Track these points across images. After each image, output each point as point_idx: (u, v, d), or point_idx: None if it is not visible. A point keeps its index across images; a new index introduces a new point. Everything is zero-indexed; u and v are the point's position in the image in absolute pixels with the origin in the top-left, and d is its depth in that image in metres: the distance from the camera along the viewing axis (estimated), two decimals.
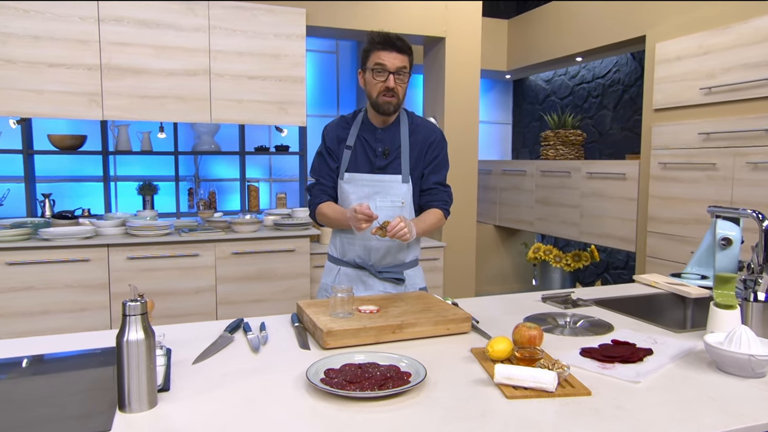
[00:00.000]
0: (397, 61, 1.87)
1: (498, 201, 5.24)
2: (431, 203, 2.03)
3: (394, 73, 1.87)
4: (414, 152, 2.00)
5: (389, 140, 2.00)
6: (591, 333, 1.66)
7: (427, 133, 2.03)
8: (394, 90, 1.88)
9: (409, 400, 1.18)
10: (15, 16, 3.05)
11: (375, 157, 1.99)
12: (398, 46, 1.87)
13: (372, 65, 1.88)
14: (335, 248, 2.10)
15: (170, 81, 3.33)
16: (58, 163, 4.36)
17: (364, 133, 2.01)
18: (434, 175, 2.04)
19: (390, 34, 1.90)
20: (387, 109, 1.92)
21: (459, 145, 4.09)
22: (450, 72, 4.01)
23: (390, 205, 1.97)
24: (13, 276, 3.04)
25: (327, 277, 2.11)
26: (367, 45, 1.91)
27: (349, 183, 1.99)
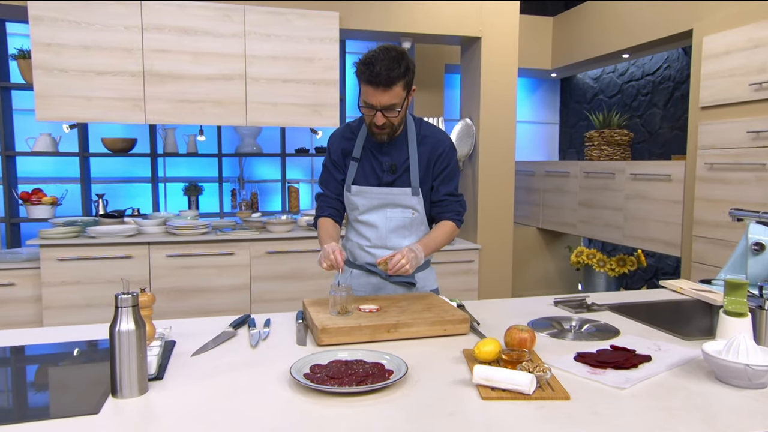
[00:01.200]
0: (384, 98, 1.74)
1: (541, 203, 5.14)
2: (442, 215, 1.98)
3: (381, 110, 1.77)
4: (422, 164, 1.93)
5: (396, 153, 1.92)
6: (595, 338, 1.62)
7: (435, 144, 1.94)
8: (383, 125, 1.81)
9: (384, 397, 1.20)
10: (68, 28, 3.26)
11: (382, 171, 1.93)
12: (383, 83, 1.71)
13: (362, 99, 1.79)
14: (347, 251, 2.08)
15: (208, 86, 3.47)
16: (112, 165, 4.63)
17: (371, 144, 1.94)
18: (444, 186, 1.96)
19: (377, 65, 1.70)
20: (381, 139, 1.86)
21: (495, 147, 4.05)
22: (486, 72, 3.97)
23: (401, 215, 1.94)
24: (63, 270, 3.26)
25: (339, 277, 2.12)
26: (358, 70, 1.76)
27: (357, 195, 1.95)
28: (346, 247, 2.09)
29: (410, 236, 1.97)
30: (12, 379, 1.38)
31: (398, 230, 1.96)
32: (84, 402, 1.16)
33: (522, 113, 5.71)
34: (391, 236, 1.96)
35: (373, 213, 1.96)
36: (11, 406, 1.20)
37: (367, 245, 1.98)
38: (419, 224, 1.98)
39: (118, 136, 4.26)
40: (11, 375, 1.40)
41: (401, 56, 1.74)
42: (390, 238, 1.96)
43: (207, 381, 1.29)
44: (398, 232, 1.96)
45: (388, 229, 1.95)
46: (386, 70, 1.70)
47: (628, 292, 2.24)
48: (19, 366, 1.47)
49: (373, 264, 2.00)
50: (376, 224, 1.96)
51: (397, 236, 1.96)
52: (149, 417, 1.12)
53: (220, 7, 3.45)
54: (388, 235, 1.96)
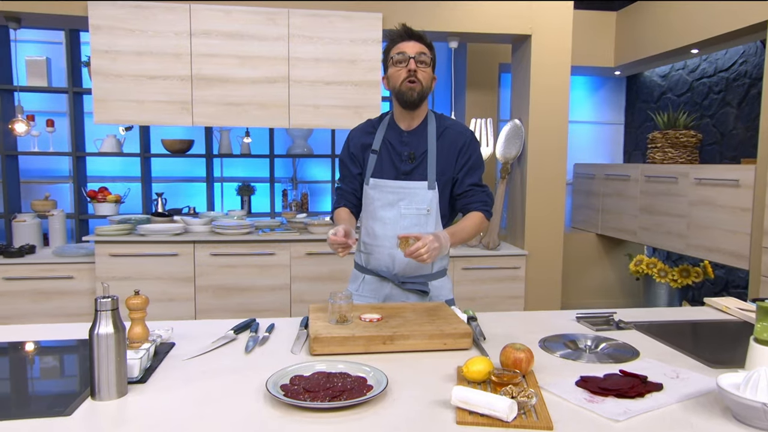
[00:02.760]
0: (416, 48, 1.85)
1: (600, 208, 4.88)
2: (470, 205, 1.94)
3: (414, 58, 1.84)
4: (442, 156, 1.92)
5: (415, 143, 1.93)
6: (609, 360, 1.49)
7: (456, 136, 1.94)
8: (416, 75, 1.84)
9: (354, 415, 1.15)
10: (124, 35, 3.43)
11: (400, 161, 1.92)
12: (417, 35, 1.88)
13: (393, 55, 1.88)
14: (359, 255, 2.06)
15: (252, 88, 3.54)
16: (173, 165, 4.83)
17: (390, 136, 1.96)
18: (469, 177, 1.94)
19: (405, 26, 1.90)
20: (411, 96, 1.85)
21: (545, 149, 3.87)
22: (536, 71, 3.81)
23: (415, 213, 1.91)
24: (115, 266, 3.42)
25: (352, 284, 2.08)
26: (388, 43, 1.92)
27: (374, 189, 1.95)
28: (359, 250, 2.06)
29: (424, 231, 1.91)
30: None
31: (412, 228, 1.90)
32: (59, 403, 1.18)
33: (583, 113, 5.45)
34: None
35: (387, 209, 1.92)
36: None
37: (378, 245, 1.94)
38: (434, 222, 1.93)
39: (176, 138, 4.44)
40: None
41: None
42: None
43: (188, 387, 1.30)
44: (412, 230, 1.89)
45: (401, 226, 1.90)
46: (413, 29, 1.89)
47: (666, 309, 2.07)
48: (9, 361, 1.54)
49: (387, 268, 1.96)
50: (389, 221, 1.92)
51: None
52: (118, 421, 1.13)
53: (265, 12, 3.51)
54: (401, 233, 1.88)
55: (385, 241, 1.93)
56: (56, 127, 4.34)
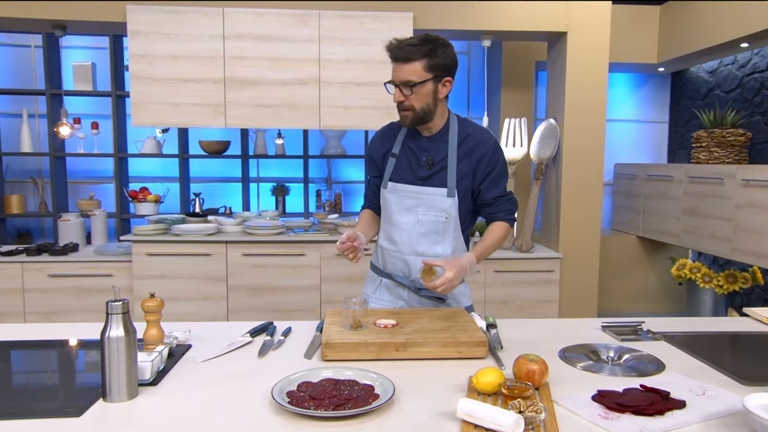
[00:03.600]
0: (401, 73, 1.74)
1: (642, 209, 4.71)
2: (495, 215, 1.90)
3: (399, 86, 1.76)
4: (462, 164, 1.85)
5: (435, 149, 1.87)
6: (632, 373, 1.43)
7: (478, 145, 1.86)
8: (402, 103, 1.78)
9: (357, 425, 1.14)
10: (160, 40, 3.51)
11: (419, 166, 1.87)
12: (401, 57, 1.73)
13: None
14: (377, 257, 2.03)
15: (284, 90, 3.57)
16: (211, 166, 4.93)
17: (410, 140, 1.91)
18: (494, 189, 1.88)
19: (396, 42, 1.75)
20: (404, 123, 1.84)
21: (581, 149, 3.76)
22: (572, 69, 3.70)
23: (433, 219, 1.86)
24: (151, 265, 3.52)
25: (368, 286, 2.04)
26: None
27: (392, 193, 1.90)
28: (377, 253, 2.03)
29: (442, 242, 1.87)
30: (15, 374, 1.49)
31: (429, 235, 1.86)
32: (72, 403, 1.21)
33: (624, 112, 5.28)
34: (422, 241, 1.87)
35: (405, 214, 1.88)
36: None
37: (395, 250, 1.91)
38: (452, 230, 1.87)
39: (213, 139, 4.53)
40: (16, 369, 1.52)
41: (431, 39, 1.76)
42: (420, 243, 1.87)
43: (197, 390, 1.31)
44: (429, 237, 1.87)
45: (418, 233, 1.86)
46: (408, 45, 1.73)
47: (701, 319, 1.97)
48: (31, 360, 1.58)
49: (403, 273, 1.93)
50: (406, 227, 1.88)
51: (427, 241, 1.87)
52: (124, 424, 1.14)
53: (296, 14, 3.53)
54: (418, 240, 1.86)
55: (402, 247, 1.89)
56: (101, 129, 4.50)
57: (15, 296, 3.56)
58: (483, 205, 1.91)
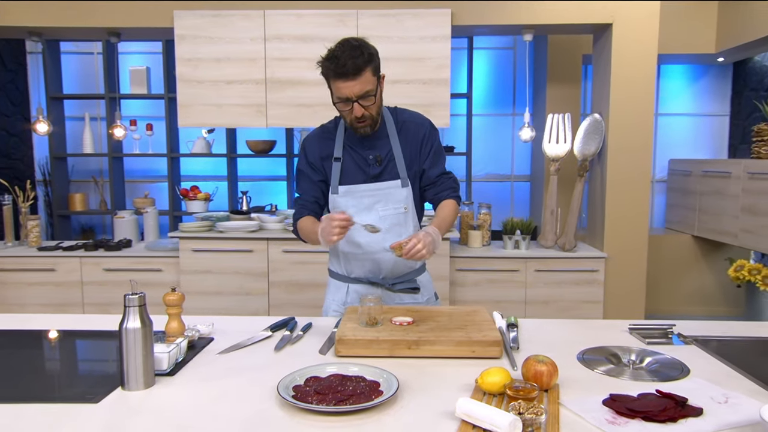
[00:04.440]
0: (356, 87, 1.69)
1: (698, 207, 4.48)
2: (440, 194, 1.92)
3: (357, 101, 1.71)
4: (406, 151, 1.87)
5: (379, 145, 1.87)
6: (653, 377, 1.37)
7: (416, 128, 1.90)
8: (363, 116, 1.75)
9: (357, 420, 1.15)
10: (205, 43, 3.63)
11: (367, 165, 1.86)
12: (351, 72, 1.67)
13: (335, 96, 1.75)
14: (339, 265, 1.98)
15: (322, 90, 3.57)
16: (258, 165, 5.07)
17: (351, 142, 1.88)
18: (435, 168, 1.91)
19: (340, 55, 1.66)
20: (365, 133, 1.81)
21: (627, 145, 3.62)
22: (618, 62, 3.56)
23: (393, 212, 1.87)
24: (197, 261, 3.65)
25: (335, 294, 2.00)
26: (323, 68, 1.73)
27: (345, 196, 1.87)
28: (337, 261, 1.99)
29: (405, 233, 1.87)
30: (31, 361, 1.58)
31: (393, 228, 1.86)
32: (94, 390, 1.28)
33: (680, 105, 5.05)
34: (387, 236, 1.84)
35: (364, 214, 1.85)
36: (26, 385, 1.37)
37: (361, 253, 1.88)
38: (412, 219, 1.90)
39: (259, 139, 4.65)
40: (50, 357, 1.61)
41: (361, 44, 1.72)
42: (386, 239, 1.83)
43: (210, 382, 1.35)
44: (393, 231, 1.86)
45: (383, 230, 1.83)
46: (351, 58, 1.67)
47: (743, 323, 1.86)
48: (57, 349, 1.68)
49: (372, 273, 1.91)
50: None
51: (392, 235, 1.85)
52: (135, 411, 1.20)
53: (335, 14, 3.57)
54: (384, 236, 1.83)
55: (368, 248, 1.87)
56: (155, 130, 4.70)
57: (75, 288, 3.78)
58: (427, 186, 1.92)
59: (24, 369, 1.46)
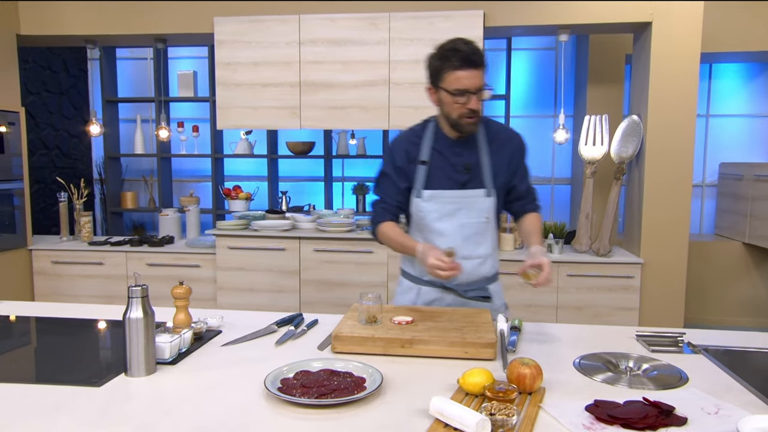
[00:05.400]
0: (477, 79, 1.69)
1: (749, 213, 4.27)
2: (526, 206, 1.95)
3: (476, 94, 1.70)
4: (495, 163, 1.85)
5: (468, 153, 1.84)
6: (649, 385, 1.34)
7: (507, 141, 1.89)
8: (478, 111, 1.74)
9: (335, 414, 1.18)
10: (243, 48, 3.76)
11: (455, 172, 1.84)
12: (476, 62, 1.68)
13: (451, 88, 1.70)
14: (412, 266, 1.95)
15: (354, 92, 3.67)
16: (299, 166, 5.18)
17: (440, 146, 1.85)
18: (523, 182, 1.94)
19: (464, 47, 1.68)
20: (471, 130, 1.79)
21: (667, 148, 3.48)
22: (657, 62, 3.44)
23: (475, 221, 1.84)
24: (232, 258, 3.78)
25: (405, 294, 1.96)
26: (439, 62, 1.72)
27: (429, 201, 1.84)
28: (411, 262, 1.95)
29: (484, 243, 1.87)
30: (53, 346, 1.69)
31: (472, 237, 1.85)
32: (97, 375, 1.37)
33: (733, 106, 4.82)
34: (466, 244, 1.84)
35: (446, 220, 1.85)
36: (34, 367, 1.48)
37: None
38: (492, 230, 1.89)
39: (299, 140, 4.76)
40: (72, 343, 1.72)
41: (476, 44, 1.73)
42: (464, 247, 1.83)
43: (208, 371, 1.42)
44: (472, 240, 1.85)
45: (462, 236, 1.84)
46: (476, 50, 1.69)
47: (758, 333, 1.78)
48: (85, 336, 1.78)
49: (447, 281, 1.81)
50: (448, 232, 1.85)
51: (471, 244, 1.85)
52: (131, 396, 1.28)
53: (368, 17, 3.62)
54: (462, 244, 1.83)
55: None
56: (200, 132, 4.89)
57: (121, 282, 3.98)
58: (515, 199, 1.94)
59: (46, 353, 1.57)
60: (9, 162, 3.89)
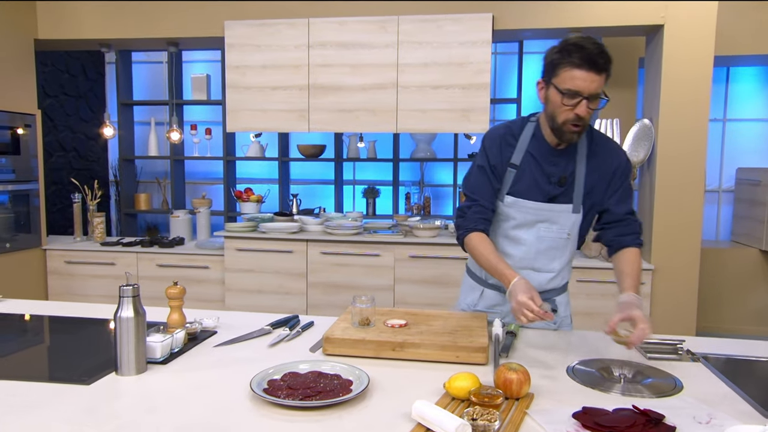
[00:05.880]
0: (595, 84, 1.51)
1: (767, 219, 4.17)
2: (624, 238, 1.70)
3: (588, 98, 1.53)
4: (591, 178, 1.68)
5: (565, 164, 1.68)
6: (642, 392, 1.32)
7: (610, 156, 1.70)
8: (585, 119, 1.57)
9: (318, 416, 1.18)
10: (252, 51, 3.79)
11: (548, 184, 1.68)
12: (600, 65, 1.51)
13: (563, 86, 1.54)
14: (479, 267, 1.83)
15: (362, 95, 3.68)
16: (311, 168, 5.20)
17: (536, 151, 1.69)
18: (623, 204, 1.71)
19: (590, 45, 1.51)
20: (571, 139, 1.62)
21: (679, 151, 3.43)
22: (669, 65, 3.38)
23: (555, 236, 1.72)
24: (240, 260, 3.80)
25: (468, 295, 1.90)
26: (557, 56, 1.55)
27: (511, 207, 1.72)
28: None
29: (559, 257, 1.76)
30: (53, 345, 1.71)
31: (548, 251, 1.74)
32: (87, 373, 1.38)
33: (751, 110, 4.72)
34: (540, 257, 1.75)
35: (524, 230, 1.73)
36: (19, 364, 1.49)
37: (510, 264, 1.66)
38: (571, 246, 1.77)
39: (309, 143, 4.78)
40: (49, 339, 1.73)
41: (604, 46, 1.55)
42: (538, 259, 1.75)
43: (198, 372, 1.42)
44: (548, 254, 1.74)
45: (537, 249, 1.73)
46: (601, 53, 1.51)
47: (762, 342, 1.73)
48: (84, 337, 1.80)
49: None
50: (524, 242, 1.74)
51: (545, 257, 1.75)
52: (118, 395, 1.28)
53: (377, 20, 3.62)
54: (536, 256, 1.74)
55: (517, 262, 1.74)
56: (213, 134, 4.94)
57: None
58: (610, 224, 1.72)
59: (43, 352, 1.59)
60: (25, 163, 3.97)
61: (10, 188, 3.86)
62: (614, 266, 1.72)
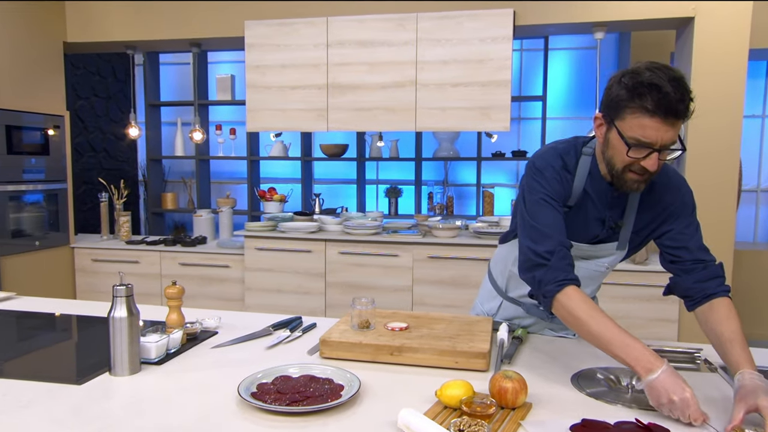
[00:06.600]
0: (670, 133, 1.24)
1: None
2: (707, 285, 1.41)
3: (660, 151, 1.26)
4: (644, 215, 1.49)
5: (621, 204, 1.48)
6: (648, 404, 1.23)
7: (667, 194, 1.46)
8: (653, 173, 1.31)
9: (303, 422, 1.14)
10: (271, 51, 3.79)
11: (600, 226, 1.50)
12: (678, 113, 1.22)
13: (629, 134, 1.26)
14: (502, 277, 1.74)
15: (381, 94, 3.64)
16: (334, 168, 5.19)
17: (592, 189, 1.47)
18: (694, 240, 1.45)
19: (669, 87, 1.19)
20: (632, 189, 1.37)
21: (710, 150, 3.27)
22: (700, 60, 3.24)
23: (593, 268, 1.57)
24: (260, 259, 3.81)
25: (486, 303, 1.80)
26: (625, 92, 1.26)
27: None
28: (502, 272, 1.73)
29: (591, 286, 1.65)
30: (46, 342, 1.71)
31: (583, 281, 1.49)
32: (81, 373, 1.38)
33: None
34: None
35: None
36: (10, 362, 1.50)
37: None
38: (606, 276, 1.66)
39: (332, 143, 4.76)
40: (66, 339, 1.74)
41: (685, 80, 1.25)
42: None
43: (192, 373, 1.40)
44: (582, 283, 1.45)
45: None
46: (684, 99, 1.21)
47: None
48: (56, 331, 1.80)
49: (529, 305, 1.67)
50: None
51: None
52: (108, 395, 1.27)
53: (395, 18, 3.58)
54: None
55: None
56: (237, 134, 4.98)
57: (155, 281, 4.08)
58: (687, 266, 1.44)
59: (42, 350, 1.60)
60: (55, 164, 4.06)
61: (41, 188, 3.96)
62: (704, 326, 1.39)
